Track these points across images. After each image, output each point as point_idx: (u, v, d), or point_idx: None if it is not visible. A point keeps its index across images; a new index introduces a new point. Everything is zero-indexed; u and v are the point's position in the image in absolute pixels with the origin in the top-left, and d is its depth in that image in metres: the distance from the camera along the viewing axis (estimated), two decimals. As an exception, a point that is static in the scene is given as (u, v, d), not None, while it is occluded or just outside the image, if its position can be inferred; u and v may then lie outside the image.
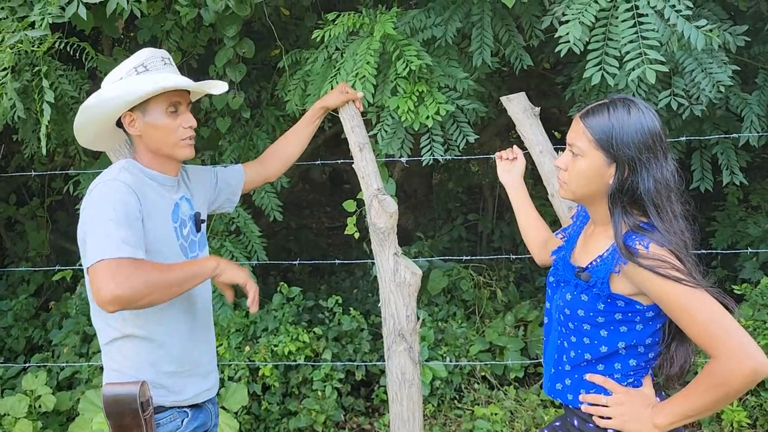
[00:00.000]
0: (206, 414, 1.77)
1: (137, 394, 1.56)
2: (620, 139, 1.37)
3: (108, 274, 1.43)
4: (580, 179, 1.44)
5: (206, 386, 1.76)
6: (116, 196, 1.54)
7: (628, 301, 1.41)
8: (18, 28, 2.02)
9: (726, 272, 3.95)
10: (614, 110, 1.40)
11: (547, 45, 2.87)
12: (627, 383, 1.47)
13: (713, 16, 2.45)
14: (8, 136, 3.09)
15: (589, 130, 1.41)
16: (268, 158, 2.14)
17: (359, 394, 3.53)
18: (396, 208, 2.18)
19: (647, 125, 1.38)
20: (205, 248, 1.81)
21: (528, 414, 3.13)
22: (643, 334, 1.43)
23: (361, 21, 2.41)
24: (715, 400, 1.33)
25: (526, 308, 3.70)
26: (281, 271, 4.91)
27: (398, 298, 2.17)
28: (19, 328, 3.69)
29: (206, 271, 1.60)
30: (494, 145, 4.73)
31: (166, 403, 1.64)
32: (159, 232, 1.62)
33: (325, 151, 4.95)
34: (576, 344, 1.51)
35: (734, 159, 2.73)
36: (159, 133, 1.65)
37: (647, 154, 1.36)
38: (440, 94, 2.38)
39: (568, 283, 1.51)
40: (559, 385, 1.57)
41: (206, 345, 1.79)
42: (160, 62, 1.66)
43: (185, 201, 1.76)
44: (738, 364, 1.28)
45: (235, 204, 2.06)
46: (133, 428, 1.56)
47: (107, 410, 1.58)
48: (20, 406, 2.82)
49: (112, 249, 1.45)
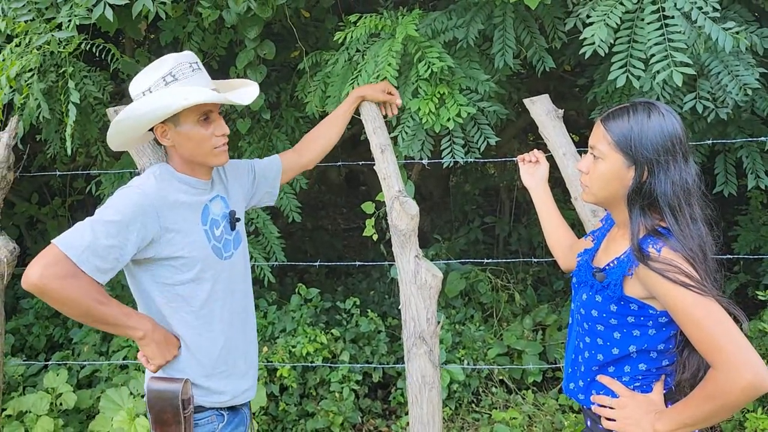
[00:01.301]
0: (241, 418, 1.77)
1: (180, 391, 1.59)
2: (639, 141, 1.39)
3: (48, 261, 1.43)
4: (600, 182, 1.46)
5: (244, 386, 1.76)
6: (127, 205, 1.54)
7: (641, 304, 1.41)
8: (45, 30, 2.04)
9: (748, 277, 3.90)
10: (634, 113, 1.42)
11: (568, 47, 2.85)
12: (634, 387, 1.48)
13: (739, 18, 2.41)
14: (32, 136, 3.12)
15: (610, 133, 1.43)
16: (304, 147, 2.15)
17: (376, 396, 3.53)
18: (417, 210, 2.17)
19: (667, 128, 1.39)
20: (240, 245, 1.79)
21: (547, 419, 3.11)
22: (655, 340, 1.43)
23: (383, 23, 2.41)
24: (712, 411, 1.32)
25: (545, 312, 3.68)
26: (298, 272, 4.93)
27: (419, 300, 2.17)
28: (40, 326, 3.73)
29: (131, 333, 1.57)
30: (512, 147, 4.71)
31: (205, 403, 1.67)
32: (187, 240, 1.62)
33: (342, 153, 4.96)
34: (590, 345, 1.53)
35: (759, 162, 2.68)
36: (192, 144, 1.64)
37: (666, 156, 1.38)
38: (461, 96, 2.37)
39: (585, 283, 1.52)
40: (572, 385, 1.60)
41: (243, 347, 1.78)
42: (188, 69, 1.63)
43: (220, 200, 1.76)
44: (737, 375, 1.26)
45: (276, 197, 2.07)
46: (173, 424, 1.59)
47: (150, 403, 1.61)
48: (42, 404, 2.85)
49: (73, 247, 1.44)
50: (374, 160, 2.30)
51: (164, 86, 1.60)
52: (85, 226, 1.49)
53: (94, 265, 1.46)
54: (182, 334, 1.64)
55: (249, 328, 1.82)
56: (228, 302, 1.71)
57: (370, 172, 5.26)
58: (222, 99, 1.64)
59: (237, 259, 1.76)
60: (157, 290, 1.62)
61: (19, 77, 2.33)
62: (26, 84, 2.29)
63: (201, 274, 1.64)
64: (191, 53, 1.67)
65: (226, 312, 1.71)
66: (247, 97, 1.75)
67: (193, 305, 1.64)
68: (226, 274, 1.71)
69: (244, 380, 1.76)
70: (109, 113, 2.33)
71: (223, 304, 1.70)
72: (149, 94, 1.61)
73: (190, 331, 1.64)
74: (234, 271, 1.75)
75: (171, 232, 1.59)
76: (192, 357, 1.65)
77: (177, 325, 1.63)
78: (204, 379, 1.66)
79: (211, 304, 1.66)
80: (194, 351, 1.65)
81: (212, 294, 1.66)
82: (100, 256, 1.47)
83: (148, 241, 1.55)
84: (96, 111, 2.96)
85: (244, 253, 1.82)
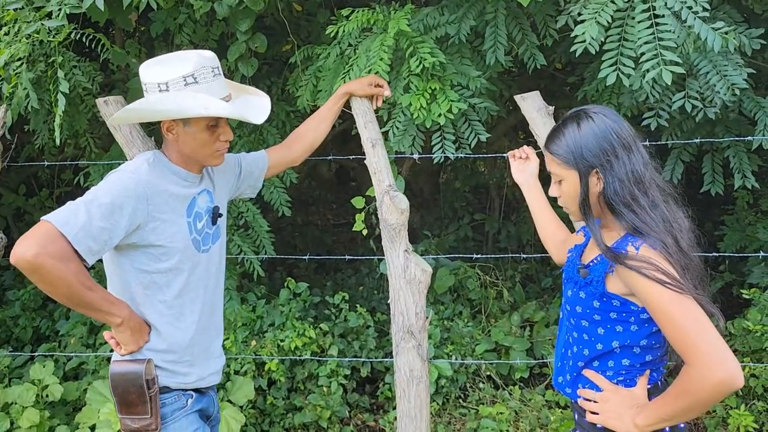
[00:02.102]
0: (208, 399, 1.81)
1: (143, 371, 1.60)
2: (578, 152, 1.44)
3: (43, 237, 1.41)
4: (571, 201, 1.51)
5: (210, 370, 1.79)
6: (120, 188, 1.54)
7: (623, 301, 1.44)
8: (35, 18, 2.02)
9: (734, 276, 3.94)
10: (565, 128, 1.48)
11: (559, 45, 2.86)
12: (618, 381, 1.50)
13: (728, 18, 2.44)
14: (19, 126, 3.10)
15: (554, 156, 1.49)
16: (294, 142, 2.16)
17: (364, 391, 3.53)
18: (407, 204, 2.18)
19: (598, 131, 1.44)
20: (218, 240, 1.82)
21: (533, 414, 3.13)
22: (637, 335, 1.46)
23: (375, 17, 2.41)
24: (686, 407, 1.35)
25: (533, 309, 3.70)
26: (287, 266, 4.92)
27: (408, 294, 2.17)
28: (26, 318, 3.71)
29: (110, 319, 1.58)
30: (502, 144, 4.72)
31: (171, 384, 1.69)
32: (171, 230, 1.64)
33: (332, 148, 4.96)
34: (577, 340, 1.56)
35: (746, 162, 2.71)
36: (196, 144, 1.67)
37: (606, 157, 1.42)
38: (453, 92, 2.38)
39: (571, 279, 1.56)
40: (560, 379, 1.63)
41: (209, 339, 1.81)
42: (210, 75, 1.63)
43: (206, 194, 1.78)
44: (709, 373, 1.28)
45: (258, 190, 2.09)
46: (138, 405, 1.61)
47: (113, 385, 1.63)
48: (28, 395, 2.83)
49: (69, 226, 1.43)
50: (365, 155, 2.30)
51: (183, 86, 1.60)
52: (79, 206, 1.48)
53: (87, 246, 1.45)
54: (153, 321, 1.66)
55: (217, 320, 1.85)
56: (200, 294, 1.74)
57: (361, 168, 5.25)
58: (238, 116, 1.66)
59: (214, 253, 1.79)
60: (134, 276, 1.63)
61: (8, 66, 2.31)
62: (15, 73, 2.27)
63: (179, 264, 1.66)
64: (213, 54, 1.67)
65: (198, 303, 1.73)
66: (261, 114, 1.79)
67: (168, 294, 1.66)
68: (202, 267, 1.73)
69: (208, 366, 1.79)
70: (99, 104, 2.32)
71: (196, 296, 1.73)
72: (166, 91, 1.60)
73: (162, 319, 1.66)
74: (210, 265, 1.77)
75: (157, 221, 1.60)
76: (160, 343, 1.67)
77: (149, 312, 1.65)
78: (169, 364, 1.68)
79: (184, 295, 1.69)
80: (164, 337, 1.67)
81: (187, 285, 1.69)
82: (93, 237, 1.46)
83: (135, 226, 1.56)
84: (85, 102, 2.94)
85: (222, 248, 1.85)
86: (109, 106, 2.31)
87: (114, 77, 3.44)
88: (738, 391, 3.02)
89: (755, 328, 3.03)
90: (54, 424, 2.89)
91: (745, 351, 3.10)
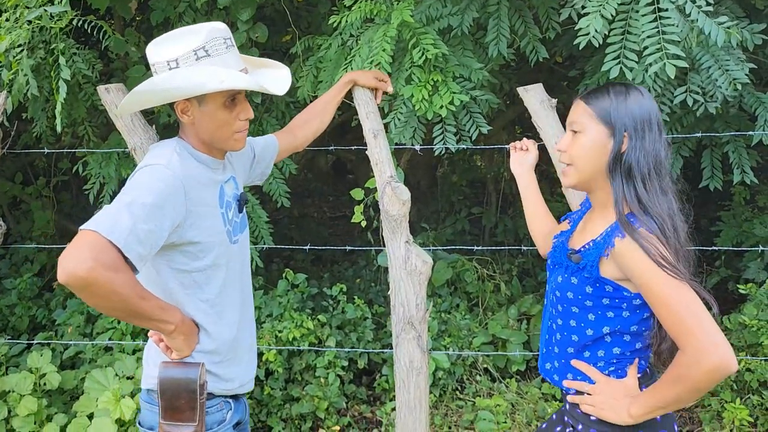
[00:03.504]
0: (244, 407, 1.73)
1: (198, 376, 1.50)
2: (618, 111, 1.44)
3: (94, 249, 1.27)
4: (583, 154, 1.48)
5: (249, 376, 1.71)
6: (158, 185, 1.41)
7: (615, 286, 1.44)
8: (37, 4, 2.01)
9: (729, 272, 3.97)
10: (613, 89, 1.48)
11: (560, 38, 2.86)
12: (609, 372, 1.51)
13: (730, 13, 2.44)
14: (17, 114, 3.08)
15: (590, 107, 1.48)
16: (298, 128, 2.11)
17: (361, 383, 3.54)
18: (409, 195, 2.18)
19: (644, 103, 1.46)
20: (245, 229, 1.72)
21: (529, 407, 3.15)
22: (629, 321, 1.46)
23: (377, 8, 2.40)
24: (680, 394, 1.36)
25: (529, 302, 3.72)
26: (284, 258, 4.92)
27: (408, 286, 2.18)
28: (23, 307, 3.69)
29: (163, 327, 1.47)
30: (501, 138, 4.72)
31: (215, 390, 1.60)
32: (207, 223, 1.53)
33: (330, 140, 4.96)
34: (563, 326, 1.56)
35: (746, 158, 2.72)
36: (214, 125, 1.53)
37: (643, 125, 1.43)
38: (455, 84, 2.37)
39: (560, 265, 1.55)
40: (548, 365, 1.63)
41: (250, 333, 1.73)
42: (222, 46, 1.49)
43: (232, 181, 1.69)
44: (703, 358, 1.29)
45: (266, 177, 2.00)
46: (186, 411, 1.51)
47: (161, 389, 1.52)
48: (25, 384, 2.82)
49: (116, 232, 1.30)
50: (365, 146, 2.29)
51: (195, 61, 1.47)
52: (120, 209, 1.34)
53: (137, 253, 1.33)
54: (199, 321, 1.57)
55: (251, 312, 1.76)
56: (238, 288, 1.66)
57: (358, 161, 5.26)
58: (259, 87, 1.53)
59: (243, 242, 1.70)
60: (173, 277, 1.52)
61: (8, 52, 2.29)
62: (15, 60, 2.26)
63: (217, 260, 1.56)
64: (224, 26, 1.53)
65: (237, 298, 1.65)
66: (282, 85, 1.65)
67: (209, 293, 1.56)
68: (235, 259, 1.64)
69: (249, 368, 1.72)
70: (100, 91, 2.31)
71: (233, 291, 1.64)
72: (176, 68, 1.47)
73: (206, 318, 1.57)
74: (241, 256, 1.69)
75: (194, 216, 1.48)
76: (209, 343, 1.58)
77: (193, 311, 1.55)
78: (215, 365, 1.59)
79: (225, 290, 1.60)
80: (213, 337, 1.58)
81: (226, 280, 1.60)
82: (141, 242, 1.33)
83: (177, 224, 1.44)
84: (84, 90, 2.93)
85: (247, 237, 1.75)
86: (111, 93, 2.29)
87: (113, 66, 3.42)
88: (733, 385, 3.05)
89: (751, 323, 3.05)
90: (52, 413, 2.89)
91: (741, 345, 3.12)
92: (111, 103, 2.31)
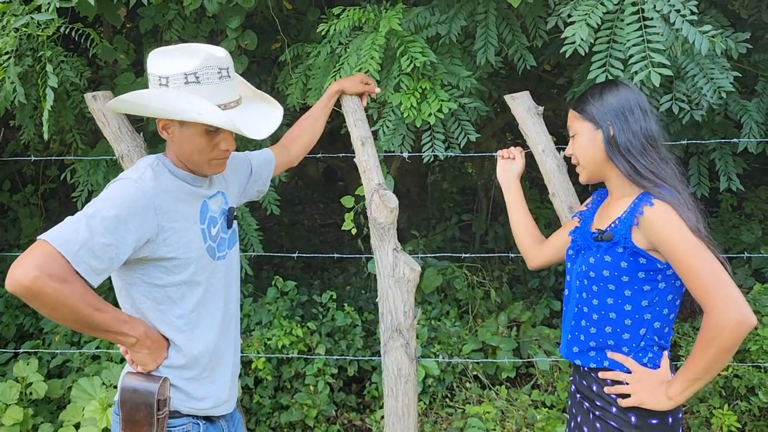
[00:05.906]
0: (217, 430, 1.65)
1: (156, 390, 1.47)
2: (596, 107, 1.62)
3: (41, 259, 1.27)
4: (582, 153, 1.66)
5: (225, 397, 1.64)
6: (124, 199, 1.40)
7: (648, 257, 1.52)
8: (24, 11, 2.00)
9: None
10: (590, 91, 1.67)
11: (548, 46, 2.88)
12: (647, 359, 1.58)
13: (715, 22, 2.47)
14: (4, 122, 3.06)
15: (576, 111, 1.68)
16: (291, 143, 2.11)
17: (351, 390, 3.53)
18: (397, 203, 2.18)
19: (620, 92, 1.62)
20: (235, 245, 1.69)
21: (519, 414, 3.15)
22: (665, 292, 1.54)
23: (366, 16, 2.41)
24: (712, 359, 1.43)
25: (519, 309, 3.71)
26: (274, 265, 4.91)
27: (396, 293, 2.18)
28: (9, 315, 3.66)
29: (123, 340, 1.46)
30: (490, 145, 4.74)
31: (183, 408, 1.55)
32: (184, 240, 1.50)
33: (320, 148, 4.96)
34: (600, 306, 1.62)
35: (732, 165, 2.75)
36: (190, 149, 1.52)
37: (622, 111, 1.59)
38: (443, 92, 2.39)
39: (588, 248, 1.64)
40: (575, 348, 1.69)
41: (232, 354, 1.68)
42: (215, 75, 1.47)
43: (220, 195, 1.66)
44: (727, 314, 1.39)
45: (264, 194, 1.96)
46: (144, 425, 1.48)
47: (122, 399, 1.50)
48: (11, 393, 2.80)
49: (68, 244, 1.30)
50: (354, 154, 2.30)
51: (183, 84, 1.45)
52: (79, 220, 1.34)
53: (88, 266, 1.32)
54: (170, 336, 1.53)
55: (235, 334, 1.72)
56: (220, 305, 1.62)
57: (348, 168, 5.26)
58: (235, 129, 1.49)
59: (230, 259, 1.67)
60: (146, 291, 1.50)
61: (-5, 60, 2.28)
62: (2, 67, 2.25)
63: (194, 276, 1.53)
64: (225, 54, 1.51)
65: (217, 315, 1.61)
66: (267, 127, 1.61)
67: (184, 308, 1.53)
68: (219, 275, 1.61)
69: (227, 389, 1.65)
70: (87, 99, 2.31)
71: (215, 308, 1.60)
72: (165, 86, 1.46)
73: (180, 335, 1.54)
74: (228, 271, 1.65)
75: (167, 231, 1.46)
76: (179, 358, 1.54)
77: (165, 328, 1.53)
78: (185, 382, 1.55)
79: (201, 308, 1.56)
80: (183, 353, 1.54)
81: (205, 297, 1.57)
82: (95, 256, 1.33)
83: (145, 240, 1.42)
84: (72, 97, 2.92)
85: (237, 253, 1.72)
86: (98, 101, 2.29)
87: (101, 73, 3.41)
88: (722, 391, 3.06)
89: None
90: (38, 422, 2.86)
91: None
92: (98, 110, 2.30)
